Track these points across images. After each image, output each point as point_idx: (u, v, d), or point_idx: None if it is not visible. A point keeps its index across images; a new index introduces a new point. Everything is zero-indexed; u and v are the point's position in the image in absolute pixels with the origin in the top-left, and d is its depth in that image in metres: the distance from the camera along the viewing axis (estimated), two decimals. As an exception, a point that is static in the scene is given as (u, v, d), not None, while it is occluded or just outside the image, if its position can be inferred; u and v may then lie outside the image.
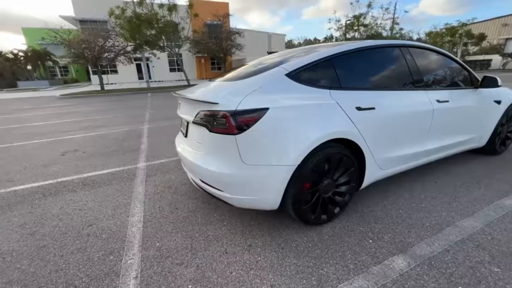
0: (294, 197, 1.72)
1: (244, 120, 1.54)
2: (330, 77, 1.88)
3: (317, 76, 1.85)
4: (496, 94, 2.82)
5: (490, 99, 2.76)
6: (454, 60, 2.60)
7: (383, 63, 2.16)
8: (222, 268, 1.57)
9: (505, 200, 2.17)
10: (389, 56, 2.18)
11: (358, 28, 22.97)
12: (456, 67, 2.63)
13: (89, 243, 1.86)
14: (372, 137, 1.94)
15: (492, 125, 2.89)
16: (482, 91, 2.70)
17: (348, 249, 1.68)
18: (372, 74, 2.10)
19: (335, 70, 1.90)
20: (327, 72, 1.88)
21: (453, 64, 2.60)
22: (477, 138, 2.85)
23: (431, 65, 2.48)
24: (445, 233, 1.79)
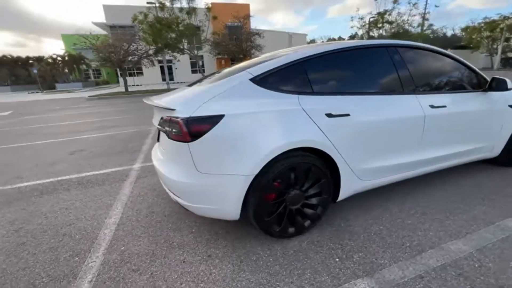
0: (255, 208, 1.64)
1: (197, 127, 1.50)
2: (301, 82, 1.77)
3: (285, 81, 1.74)
4: (510, 98, 2.48)
5: (503, 103, 2.43)
6: (456, 60, 2.31)
7: (364, 65, 1.98)
8: (174, 278, 1.54)
9: (509, 221, 1.89)
10: (371, 58, 1.99)
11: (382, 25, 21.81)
12: (458, 68, 2.34)
13: (62, 243, 1.94)
14: (347, 146, 1.79)
15: (507, 133, 2.54)
16: (493, 95, 2.38)
17: (309, 268, 1.56)
18: (351, 77, 1.94)
19: (307, 74, 1.78)
20: (297, 77, 1.77)
21: (455, 64, 2.32)
22: (488, 148, 2.53)
23: (425, 66, 2.23)
24: (425, 256, 1.59)
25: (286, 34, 37.01)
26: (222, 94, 1.63)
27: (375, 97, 1.90)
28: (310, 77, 1.79)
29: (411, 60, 2.09)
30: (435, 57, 2.25)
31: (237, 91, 1.65)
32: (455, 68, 2.33)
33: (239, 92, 1.65)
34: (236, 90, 1.65)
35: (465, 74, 2.38)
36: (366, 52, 1.98)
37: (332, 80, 1.87)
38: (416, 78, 2.08)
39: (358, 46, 1.94)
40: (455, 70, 2.35)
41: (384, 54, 2.01)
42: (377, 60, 2.01)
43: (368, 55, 1.99)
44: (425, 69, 2.22)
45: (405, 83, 2.02)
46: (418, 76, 2.11)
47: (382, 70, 2.02)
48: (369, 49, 1.99)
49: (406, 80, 2.02)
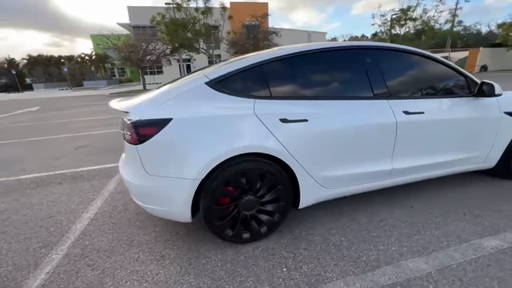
0: (205, 211, 1.64)
1: (145, 130, 1.53)
2: (259, 86, 1.73)
3: (242, 85, 1.72)
4: (508, 104, 2.24)
5: (497, 110, 2.21)
6: (441, 63, 2.13)
7: (329, 69, 1.89)
8: (122, 276, 1.58)
9: (487, 241, 1.72)
10: (338, 61, 1.90)
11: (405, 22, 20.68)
12: (443, 72, 2.16)
13: (36, 234, 2.07)
14: (305, 153, 1.73)
15: (503, 142, 2.31)
16: (485, 101, 2.17)
17: (253, 276, 1.53)
18: (313, 82, 1.86)
19: (266, 78, 1.75)
20: (255, 81, 1.74)
21: (439, 67, 2.13)
22: (480, 158, 2.31)
23: (402, 69, 2.08)
24: (378, 272, 1.50)
25: (304, 33, 36.39)
26: (176, 97, 1.64)
27: (338, 102, 1.81)
28: (269, 81, 1.75)
29: (385, 63, 1.97)
30: (415, 59, 2.09)
31: (190, 95, 1.65)
32: (439, 71, 2.15)
33: (193, 96, 1.65)
34: (190, 94, 1.66)
35: (451, 78, 2.18)
36: (332, 54, 1.89)
37: (292, 84, 1.81)
38: (390, 82, 1.95)
39: (322, 48, 1.85)
40: (438, 74, 2.17)
41: (353, 56, 1.91)
42: (344, 63, 1.91)
43: (334, 58, 1.89)
44: (401, 73, 2.07)
45: (376, 88, 1.90)
46: (393, 80, 1.97)
47: (349, 74, 1.93)
48: (335, 51, 1.90)
49: (377, 84, 1.91)
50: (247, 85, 1.73)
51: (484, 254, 1.60)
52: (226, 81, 1.70)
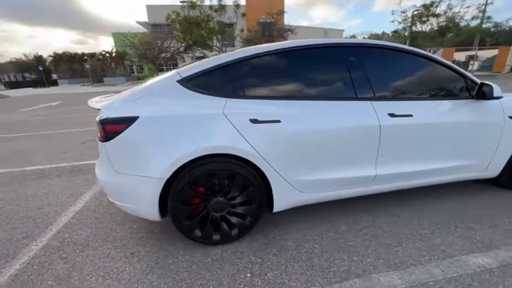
0: (173, 211, 1.63)
1: (112, 128, 1.53)
2: (232, 85, 1.68)
3: (215, 83, 1.68)
4: (511, 108, 2.03)
5: (501, 114, 2.00)
6: (437, 62, 1.96)
7: (307, 67, 1.79)
8: (89, 271, 1.60)
9: (474, 257, 1.57)
10: (317, 59, 1.80)
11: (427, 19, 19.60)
12: (439, 72, 1.98)
13: (23, 225, 2.15)
14: (277, 155, 1.66)
15: (508, 150, 2.10)
16: (486, 104, 1.98)
17: (215, 280, 1.49)
18: (290, 81, 1.77)
19: (240, 77, 1.69)
20: (228, 79, 1.69)
21: (435, 67, 1.96)
22: (480, 166, 2.12)
23: (390, 69, 1.93)
24: (345, 285, 1.41)
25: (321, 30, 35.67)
26: (147, 95, 1.63)
27: (316, 102, 1.72)
28: (243, 80, 1.70)
29: (370, 61, 1.84)
30: (406, 58, 1.93)
31: (161, 93, 1.64)
32: (433, 71, 1.98)
33: (164, 94, 1.63)
34: (161, 92, 1.64)
35: (447, 79, 2.00)
36: (311, 53, 1.79)
37: (267, 83, 1.74)
38: (376, 82, 1.82)
39: (300, 46, 1.76)
40: (432, 74, 1.99)
41: (334, 55, 1.80)
42: (324, 62, 1.81)
43: (313, 56, 1.79)
44: (389, 72, 1.93)
45: (360, 88, 1.78)
46: (379, 80, 1.84)
47: (329, 73, 1.82)
48: (315, 49, 1.79)
49: (361, 84, 1.79)
50: (220, 84, 1.68)
51: (468, 272, 1.45)
52: (198, 79, 1.66)
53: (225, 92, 1.66)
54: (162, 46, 17.48)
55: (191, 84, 1.65)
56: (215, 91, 1.65)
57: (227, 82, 1.69)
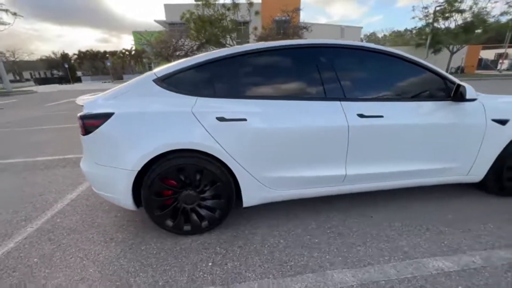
0: (145, 201, 1.75)
1: (90, 123, 1.67)
2: (204, 84, 1.78)
3: (187, 82, 1.77)
4: (495, 110, 1.95)
5: (482, 116, 1.93)
6: (413, 63, 1.92)
7: (276, 68, 1.84)
8: (71, 252, 1.77)
9: (435, 260, 1.55)
10: (287, 60, 1.84)
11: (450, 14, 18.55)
12: (415, 72, 1.94)
13: (25, 208, 2.39)
14: (244, 152, 1.73)
15: (491, 153, 2.02)
16: (465, 105, 1.92)
17: (178, 266, 1.60)
18: (260, 81, 1.83)
19: (211, 77, 1.78)
20: (200, 79, 1.78)
21: (410, 67, 1.92)
22: (461, 169, 2.06)
23: (362, 69, 1.93)
24: (297, 279, 1.46)
25: (338, 27, 34.79)
26: (125, 93, 1.76)
27: (282, 102, 1.76)
28: (214, 80, 1.78)
29: (341, 62, 1.85)
30: (379, 58, 1.91)
31: (138, 91, 1.76)
32: (407, 71, 1.94)
33: (139, 92, 1.75)
34: (138, 90, 1.77)
35: (423, 79, 1.96)
36: (280, 53, 1.83)
37: (236, 83, 1.81)
38: (346, 82, 1.83)
39: (269, 47, 1.81)
40: (407, 74, 1.96)
41: (304, 55, 1.83)
42: (293, 63, 1.85)
43: (282, 57, 1.84)
44: (360, 72, 1.93)
45: (329, 88, 1.80)
46: (349, 80, 1.85)
47: (299, 74, 1.85)
48: (284, 50, 1.83)
49: (330, 84, 1.81)
50: (193, 83, 1.78)
51: (424, 274, 1.45)
52: (172, 78, 1.77)
53: (197, 91, 1.75)
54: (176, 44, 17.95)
55: (165, 83, 1.76)
56: (187, 90, 1.75)
57: (199, 82, 1.78)
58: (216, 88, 1.77)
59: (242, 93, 1.78)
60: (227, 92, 1.78)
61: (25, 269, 1.62)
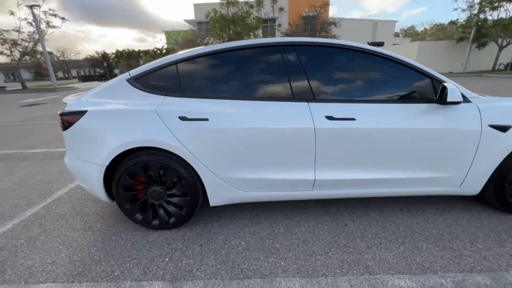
0: (115, 195, 1.85)
1: (67, 119, 1.80)
2: (172, 84, 1.81)
3: (157, 82, 1.82)
4: (494, 115, 1.70)
5: (477, 122, 1.69)
6: (395, 61, 1.73)
7: (243, 68, 1.78)
8: (52, 236, 1.94)
9: (398, 278, 1.42)
10: (254, 60, 1.78)
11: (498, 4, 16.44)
12: (398, 71, 1.75)
13: (31, 194, 2.66)
14: (207, 151, 1.73)
15: (489, 164, 1.77)
16: (458, 110, 1.70)
17: (137, 259, 1.66)
18: (225, 81, 1.80)
19: (179, 76, 1.80)
20: (169, 78, 1.82)
21: (391, 66, 1.74)
22: (453, 180, 1.83)
23: (335, 68, 1.79)
24: (244, 283, 1.44)
25: (370, 22, 32.87)
26: (101, 91, 1.87)
27: (246, 102, 1.72)
28: (181, 79, 1.80)
29: (310, 61, 1.74)
30: (354, 56, 1.76)
31: (112, 90, 1.86)
32: (388, 70, 1.76)
33: (113, 91, 1.85)
34: (112, 89, 1.86)
35: (406, 79, 1.76)
36: (246, 53, 1.78)
37: (202, 83, 1.81)
38: (316, 82, 1.73)
39: (236, 47, 1.77)
40: (388, 74, 1.78)
41: (271, 55, 1.77)
42: (260, 62, 1.79)
43: (248, 57, 1.79)
44: (333, 72, 1.79)
45: (297, 89, 1.72)
46: (320, 80, 1.74)
47: (265, 73, 1.79)
48: (250, 49, 1.78)
49: (299, 84, 1.72)
50: (162, 82, 1.82)
51: (378, 292, 1.34)
52: (144, 78, 1.83)
53: (165, 90, 1.80)
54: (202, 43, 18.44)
55: (137, 83, 1.83)
56: (156, 90, 1.80)
57: (167, 82, 1.82)
58: (183, 88, 1.79)
59: (207, 93, 1.78)
60: (193, 91, 1.79)
61: (12, 248, 1.82)
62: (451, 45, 21.43)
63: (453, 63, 21.44)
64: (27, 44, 21.43)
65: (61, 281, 1.51)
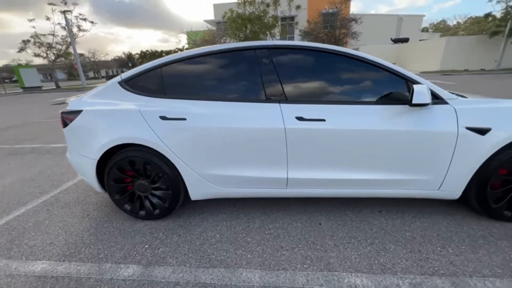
0: (107, 186, 2.05)
1: (66, 118, 2.03)
2: (156, 86, 1.96)
3: (144, 84, 1.98)
4: (472, 117, 1.64)
5: (453, 123, 1.64)
6: (368, 63, 1.72)
7: (219, 71, 1.89)
8: (55, 221, 2.18)
9: (353, 277, 1.45)
10: (230, 63, 1.87)
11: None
12: (370, 73, 1.73)
13: (45, 184, 2.99)
14: (184, 149, 1.86)
15: (468, 167, 1.70)
16: (428, 110, 1.67)
17: (121, 245, 1.84)
18: (203, 83, 1.91)
19: (162, 79, 1.95)
20: (154, 81, 1.97)
21: (363, 67, 1.73)
22: (430, 183, 1.80)
23: (307, 70, 1.81)
24: (209, 272, 1.55)
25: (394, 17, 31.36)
26: (98, 93, 2.08)
27: (222, 103, 1.82)
28: (165, 81, 1.95)
29: (282, 63, 1.80)
30: (325, 58, 1.78)
31: (106, 91, 2.05)
32: (360, 71, 1.76)
33: (107, 92, 2.04)
34: (106, 90, 2.05)
35: (378, 80, 1.75)
36: (223, 57, 1.88)
37: (182, 85, 1.93)
38: (288, 84, 1.78)
39: (213, 51, 1.88)
40: (359, 75, 1.77)
41: (247, 58, 1.84)
42: (236, 66, 1.87)
43: (225, 60, 1.88)
44: (304, 74, 1.82)
45: (270, 90, 1.79)
46: (292, 82, 1.79)
47: (240, 76, 1.87)
48: (226, 53, 1.87)
49: (271, 86, 1.79)
50: (148, 84, 1.98)
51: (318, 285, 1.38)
52: (133, 80, 2.01)
53: (150, 92, 1.95)
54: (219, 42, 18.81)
55: (127, 85, 2.01)
56: (143, 91, 1.97)
57: (153, 84, 1.97)
58: (166, 90, 1.93)
59: (187, 94, 1.91)
60: (175, 93, 1.93)
61: (21, 230, 2.09)
62: (484, 40, 19.79)
63: (486, 60, 19.80)
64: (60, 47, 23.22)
65: (54, 259, 1.72)
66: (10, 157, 4.15)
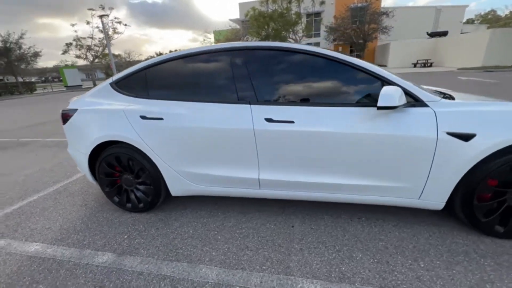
0: (98, 179, 2.24)
1: (65, 115, 2.24)
2: (141, 87, 2.08)
3: (131, 85, 2.12)
4: (454, 121, 1.48)
5: (432, 128, 1.50)
6: (343, 63, 1.64)
7: (195, 73, 1.93)
8: (57, 208, 2.44)
9: (308, 283, 1.41)
10: (206, 65, 1.90)
11: None
12: (342, 73, 1.64)
13: (59, 174, 3.32)
14: (162, 147, 1.96)
15: (451, 176, 1.54)
16: (406, 113, 1.55)
17: (104, 233, 2.00)
18: (180, 84, 1.97)
19: (146, 81, 2.06)
20: (139, 82, 2.09)
21: (336, 67, 1.65)
22: (410, 191, 1.67)
23: (278, 71, 1.76)
24: (172, 265, 1.63)
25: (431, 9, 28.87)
26: (94, 93, 2.26)
27: (196, 104, 1.87)
28: (148, 83, 2.06)
29: (254, 65, 1.79)
30: (297, 58, 1.73)
31: (99, 92, 2.23)
32: (334, 72, 1.67)
33: (100, 93, 2.22)
34: (99, 91, 2.23)
35: (352, 81, 1.65)
36: (199, 59, 1.92)
37: (161, 86, 2.02)
38: (259, 86, 1.77)
39: (189, 53, 1.93)
40: (332, 75, 1.68)
41: (221, 60, 1.87)
42: (211, 67, 1.90)
43: (201, 63, 1.92)
44: (275, 75, 1.78)
45: (242, 92, 1.79)
46: (263, 83, 1.77)
47: (214, 78, 1.89)
48: (201, 55, 1.91)
49: (243, 88, 1.79)
50: (134, 85, 2.11)
51: None
52: (122, 82, 2.15)
53: (135, 93, 2.08)
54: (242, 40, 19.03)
55: (117, 86, 2.16)
56: (130, 92, 2.10)
57: (138, 85, 2.10)
58: (149, 90, 2.04)
59: (166, 95, 2.00)
60: (156, 94, 2.03)
61: (29, 213, 2.37)
62: None
63: (541, 54, 17.40)
64: (98, 49, 25.24)
65: (47, 242, 1.93)
66: (40, 148, 4.66)
